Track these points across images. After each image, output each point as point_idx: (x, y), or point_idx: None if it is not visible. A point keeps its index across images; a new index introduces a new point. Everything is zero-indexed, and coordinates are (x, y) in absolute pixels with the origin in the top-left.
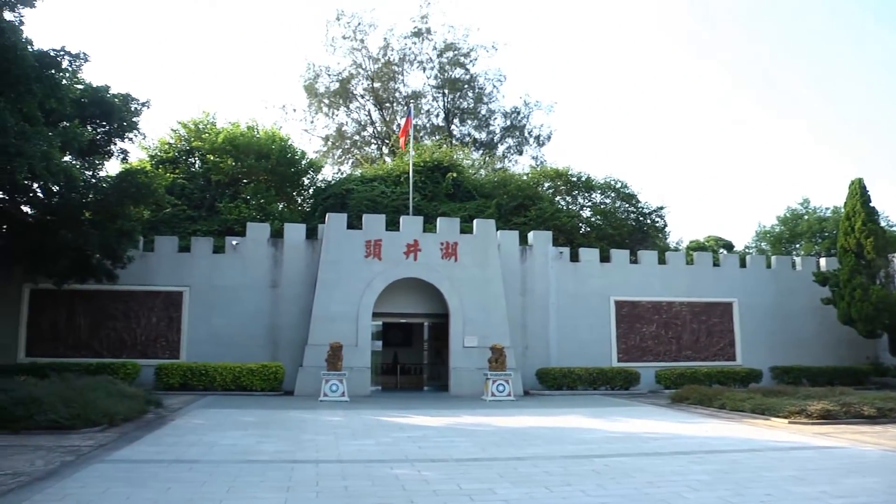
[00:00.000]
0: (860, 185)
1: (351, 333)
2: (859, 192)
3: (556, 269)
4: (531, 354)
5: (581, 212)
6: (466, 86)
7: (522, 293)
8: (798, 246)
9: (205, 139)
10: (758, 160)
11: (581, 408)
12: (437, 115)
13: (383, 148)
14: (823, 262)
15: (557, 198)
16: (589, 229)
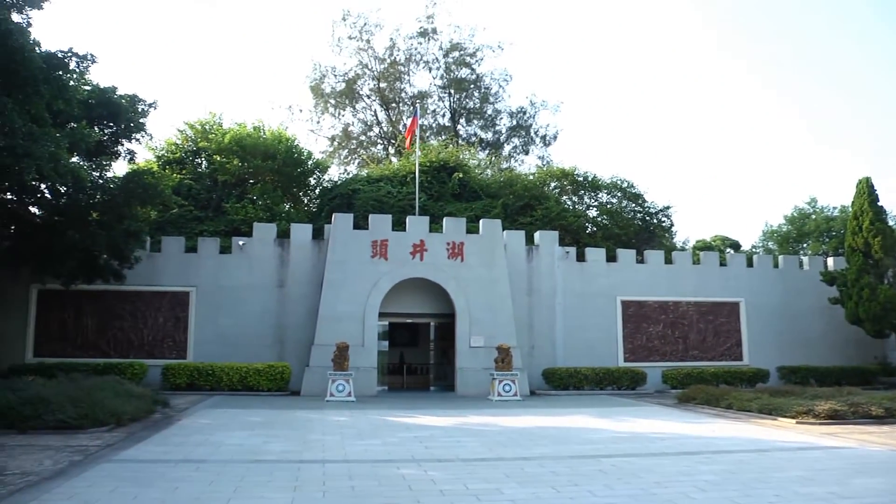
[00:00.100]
0: (868, 184)
1: (357, 333)
2: (867, 190)
3: (563, 269)
4: (537, 354)
5: (587, 211)
6: (472, 86)
7: (529, 293)
8: (805, 245)
9: (211, 140)
10: (765, 159)
11: (588, 408)
12: (443, 115)
13: (389, 148)
14: (831, 261)
15: (564, 197)
16: (595, 229)
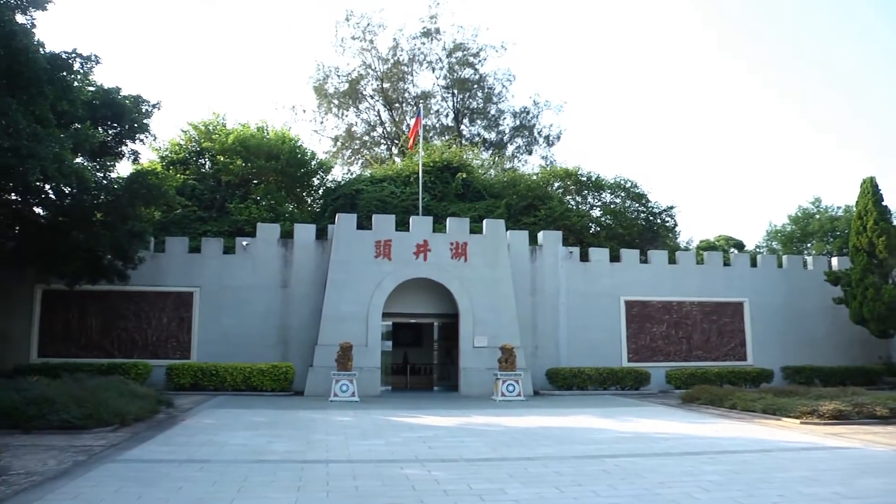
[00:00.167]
0: (872, 184)
1: (361, 334)
2: (871, 190)
3: (566, 269)
4: (541, 354)
5: (591, 211)
6: (476, 86)
7: (532, 293)
8: (809, 245)
9: (215, 140)
10: (769, 159)
11: (591, 408)
12: (446, 116)
13: (393, 148)
14: (835, 261)
15: (567, 197)
16: (599, 229)
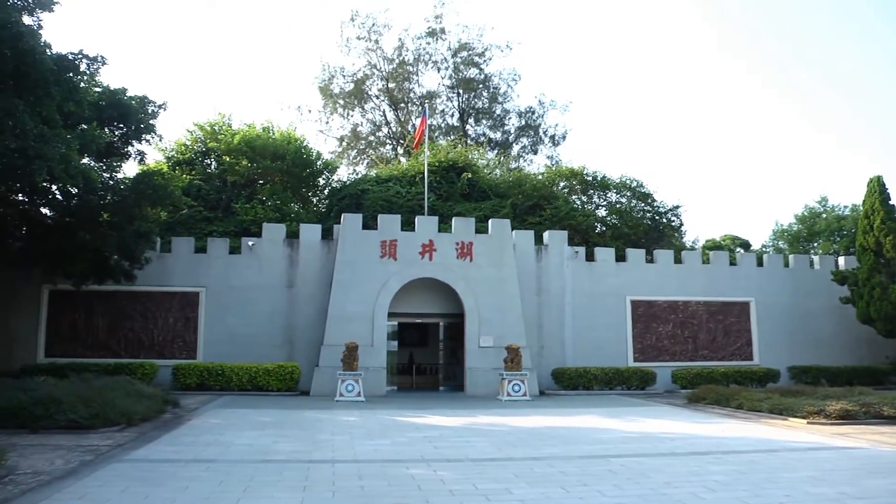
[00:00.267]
0: (879, 183)
1: (367, 333)
2: (878, 189)
3: (572, 269)
4: (547, 354)
5: (596, 211)
6: (481, 85)
7: (538, 293)
8: (816, 244)
9: (220, 140)
10: (775, 158)
11: (597, 408)
12: (451, 115)
13: (398, 148)
14: (842, 260)
15: (573, 197)
16: (604, 229)
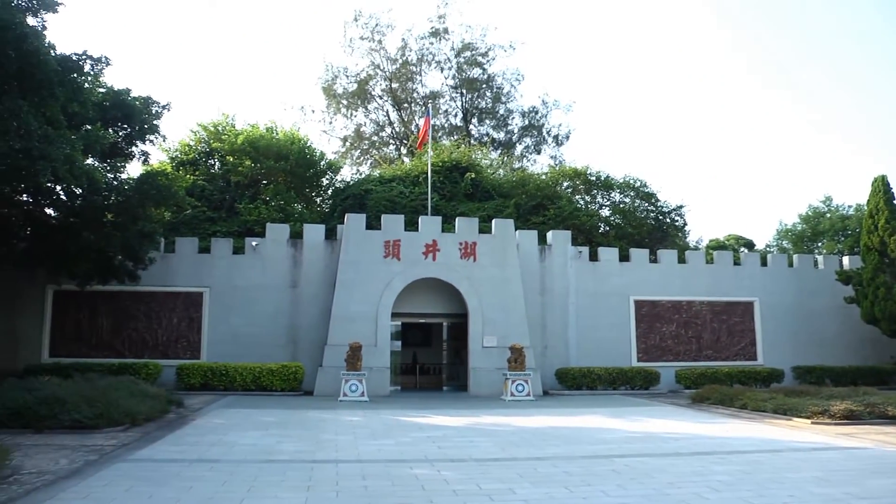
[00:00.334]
0: (883, 182)
1: (370, 333)
2: (882, 189)
3: (576, 269)
4: (550, 354)
5: (600, 211)
6: (484, 85)
7: (541, 293)
8: (820, 244)
9: (224, 141)
10: (779, 158)
11: (601, 408)
12: (455, 115)
13: (402, 148)
14: (846, 260)
15: (576, 197)
16: (608, 228)
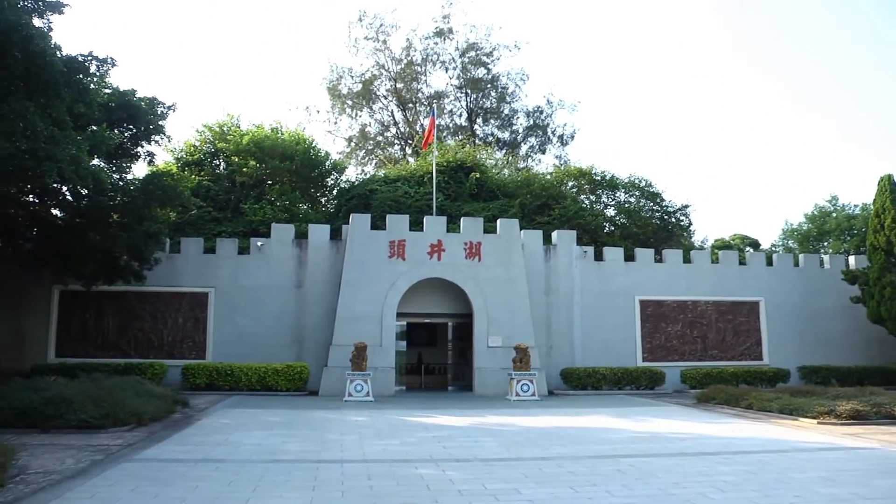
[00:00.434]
0: (890, 182)
1: (375, 334)
2: (889, 188)
3: (581, 269)
4: (555, 354)
5: (605, 211)
6: (489, 85)
7: (546, 293)
8: (826, 244)
9: (229, 141)
10: (785, 157)
11: (606, 408)
12: (459, 115)
13: (406, 148)
14: (852, 260)
15: (581, 197)
16: (613, 228)
